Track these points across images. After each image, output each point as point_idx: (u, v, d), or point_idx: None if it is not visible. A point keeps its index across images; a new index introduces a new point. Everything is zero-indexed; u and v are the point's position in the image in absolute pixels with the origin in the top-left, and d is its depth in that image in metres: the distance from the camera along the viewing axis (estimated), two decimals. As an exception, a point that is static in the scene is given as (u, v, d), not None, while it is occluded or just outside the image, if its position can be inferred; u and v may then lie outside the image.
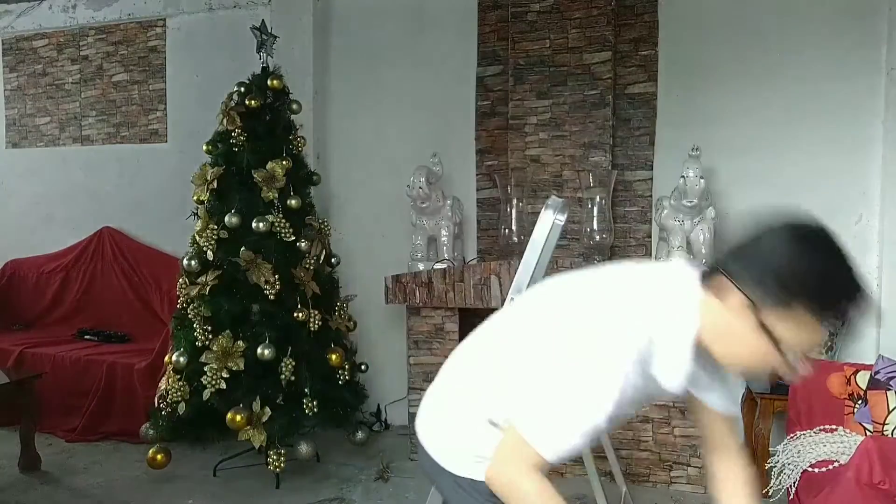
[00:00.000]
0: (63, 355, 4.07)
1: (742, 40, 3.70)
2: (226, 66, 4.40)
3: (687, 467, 3.30)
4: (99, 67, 4.99)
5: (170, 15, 4.74)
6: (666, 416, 3.31)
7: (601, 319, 1.20)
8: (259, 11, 4.25)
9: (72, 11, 4.98)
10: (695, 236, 3.38)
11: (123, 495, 3.24)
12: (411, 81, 4.20)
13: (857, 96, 3.57)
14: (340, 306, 3.48)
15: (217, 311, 3.18)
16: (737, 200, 3.73)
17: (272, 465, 3.16)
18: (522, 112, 3.78)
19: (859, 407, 2.58)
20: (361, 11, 4.30)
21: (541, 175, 3.78)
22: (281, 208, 3.30)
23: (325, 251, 3.46)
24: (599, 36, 3.65)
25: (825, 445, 2.49)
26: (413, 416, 3.72)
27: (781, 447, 2.64)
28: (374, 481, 3.44)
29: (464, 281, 3.49)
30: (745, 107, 3.71)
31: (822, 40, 3.60)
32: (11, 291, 5.03)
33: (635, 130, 3.80)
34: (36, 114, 5.23)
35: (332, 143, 4.37)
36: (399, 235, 4.13)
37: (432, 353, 3.62)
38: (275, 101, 3.43)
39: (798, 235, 1.15)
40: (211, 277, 3.19)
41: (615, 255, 3.78)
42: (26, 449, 3.58)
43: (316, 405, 3.21)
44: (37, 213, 5.23)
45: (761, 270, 1.13)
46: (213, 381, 3.06)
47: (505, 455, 1.24)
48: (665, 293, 1.21)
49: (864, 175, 3.59)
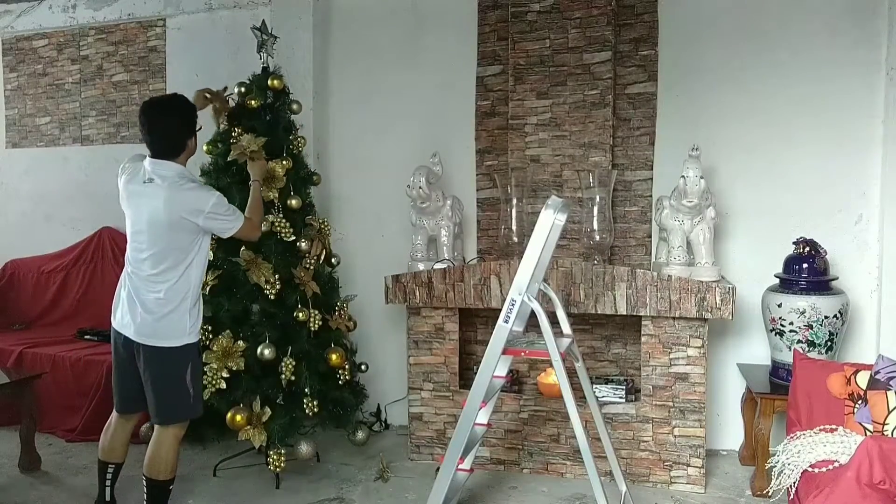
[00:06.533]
0: (63, 355, 4.06)
1: (742, 40, 3.70)
2: (226, 66, 4.40)
3: (687, 467, 3.30)
4: (99, 67, 4.99)
5: (170, 15, 4.74)
6: (666, 416, 3.31)
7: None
8: (259, 11, 4.25)
9: (72, 11, 4.98)
10: (695, 236, 3.38)
11: (123, 495, 3.23)
12: (411, 81, 4.19)
13: (857, 96, 3.57)
14: (340, 306, 3.48)
15: (217, 310, 3.19)
16: (737, 200, 3.74)
17: (272, 465, 3.17)
18: (522, 112, 3.78)
19: (859, 407, 2.58)
20: (361, 11, 4.30)
21: (541, 175, 3.78)
22: (281, 208, 3.30)
23: (325, 251, 3.46)
24: (599, 36, 3.65)
25: (825, 445, 2.49)
26: (413, 415, 3.74)
27: (781, 447, 2.64)
28: (374, 481, 3.44)
29: (464, 281, 3.49)
30: (745, 107, 3.71)
31: (822, 40, 3.60)
32: (11, 291, 5.03)
33: (635, 130, 3.80)
34: (36, 114, 5.23)
35: (332, 143, 4.37)
36: (399, 235, 4.13)
37: (432, 353, 3.62)
38: (275, 101, 3.43)
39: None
40: (211, 277, 3.19)
41: (615, 255, 3.79)
42: (26, 449, 3.58)
43: (316, 405, 3.21)
44: (37, 213, 5.23)
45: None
46: (213, 381, 3.07)
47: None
48: None
49: (864, 175, 3.59)
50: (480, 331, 3.98)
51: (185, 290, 2.69)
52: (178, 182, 2.66)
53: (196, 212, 2.64)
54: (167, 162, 2.69)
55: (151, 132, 2.71)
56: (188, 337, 2.72)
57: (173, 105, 2.78)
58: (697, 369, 3.27)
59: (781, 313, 3.30)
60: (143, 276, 2.67)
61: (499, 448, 3.55)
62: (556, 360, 2.57)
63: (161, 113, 2.73)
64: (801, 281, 3.32)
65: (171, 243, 2.65)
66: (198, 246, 2.73)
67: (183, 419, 2.77)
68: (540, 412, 3.50)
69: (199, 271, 2.77)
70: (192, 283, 2.72)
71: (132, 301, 2.68)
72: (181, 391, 2.72)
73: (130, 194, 2.73)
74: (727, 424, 3.79)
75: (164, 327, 2.66)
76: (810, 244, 3.35)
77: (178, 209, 2.63)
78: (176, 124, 2.72)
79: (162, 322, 2.66)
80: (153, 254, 2.66)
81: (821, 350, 3.27)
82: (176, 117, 2.73)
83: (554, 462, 3.48)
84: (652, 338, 3.31)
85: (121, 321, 2.72)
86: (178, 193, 2.64)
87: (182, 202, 2.64)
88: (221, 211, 2.71)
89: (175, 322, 2.68)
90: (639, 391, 3.46)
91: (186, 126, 2.75)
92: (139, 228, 2.69)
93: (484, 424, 2.90)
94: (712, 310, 3.17)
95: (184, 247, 2.68)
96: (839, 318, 3.28)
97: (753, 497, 3.22)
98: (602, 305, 3.31)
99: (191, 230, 2.67)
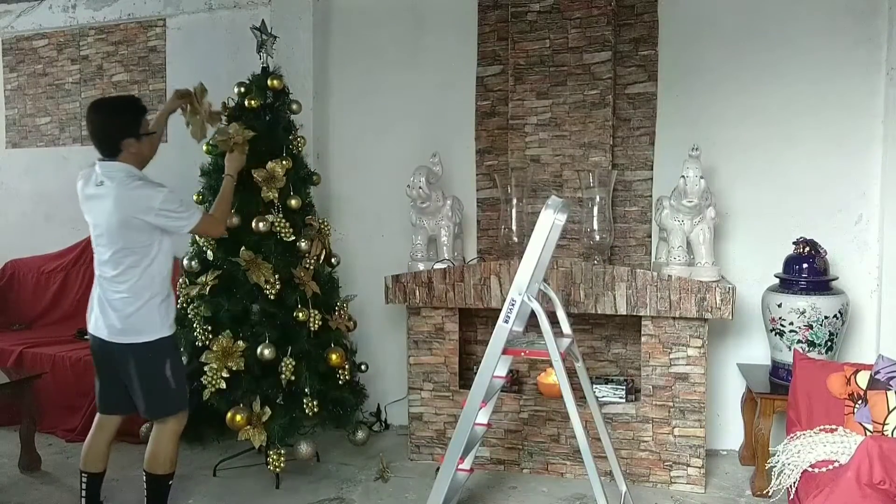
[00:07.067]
0: (63, 355, 4.06)
1: (742, 40, 3.70)
2: (226, 66, 4.40)
3: (687, 467, 3.30)
4: (99, 67, 4.99)
5: (170, 15, 4.74)
6: (666, 416, 3.31)
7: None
8: (259, 11, 4.25)
9: (72, 11, 4.98)
10: (695, 236, 3.38)
11: (124, 495, 3.24)
12: (411, 81, 4.19)
13: (857, 96, 3.57)
14: (340, 306, 3.48)
15: (217, 310, 3.19)
16: (737, 200, 3.73)
17: (272, 465, 3.17)
18: (522, 112, 3.78)
19: (859, 407, 2.58)
20: (361, 11, 4.30)
21: (541, 175, 3.78)
22: (281, 208, 3.30)
23: (325, 251, 3.46)
24: (599, 36, 3.65)
25: (825, 445, 2.49)
26: (413, 415, 3.74)
27: (781, 447, 2.64)
28: (374, 481, 3.44)
29: (464, 281, 3.49)
30: (745, 107, 3.71)
31: (822, 40, 3.60)
32: (11, 291, 5.03)
33: (635, 130, 3.80)
34: (36, 114, 5.23)
35: (332, 143, 4.37)
36: (399, 235, 4.13)
37: (432, 353, 3.62)
38: (275, 101, 3.42)
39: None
40: (211, 277, 3.19)
41: (615, 255, 3.79)
42: (26, 449, 3.59)
43: (316, 405, 3.21)
44: (37, 213, 5.23)
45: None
46: (213, 381, 3.07)
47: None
48: None
49: (864, 175, 3.59)
50: (480, 331, 3.98)
51: (149, 286, 2.65)
52: (125, 182, 2.61)
53: (146, 209, 2.59)
54: (115, 162, 2.65)
55: (90, 132, 2.71)
56: (161, 331, 2.70)
57: (108, 105, 2.76)
58: (697, 369, 3.27)
59: (781, 313, 3.30)
60: (107, 277, 2.67)
61: (499, 448, 3.55)
62: (556, 360, 2.57)
63: (95, 112, 2.70)
64: (801, 281, 3.32)
65: (128, 243, 2.62)
66: (157, 244, 2.67)
67: (172, 413, 2.77)
68: (540, 412, 3.50)
69: (163, 268, 2.71)
70: (155, 280, 2.68)
71: (102, 303, 2.69)
72: (163, 385, 2.71)
73: (86, 198, 2.70)
74: (727, 424, 3.79)
75: (133, 324, 2.65)
76: (810, 244, 3.35)
77: (128, 209, 2.59)
78: (108, 124, 2.66)
79: (131, 319, 2.64)
80: (112, 254, 2.64)
81: (821, 350, 3.27)
82: (108, 117, 2.69)
83: (554, 462, 3.48)
84: (652, 338, 3.31)
85: (95, 324, 2.73)
86: (127, 193, 2.60)
87: (131, 201, 2.59)
88: (172, 207, 2.63)
89: (144, 318, 2.65)
90: (639, 391, 3.46)
91: (120, 127, 2.65)
92: (99, 232, 2.67)
93: (484, 424, 2.90)
94: (712, 310, 3.17)
95: (142, 246, 2.63)
96: (839, 318, 3.28)
97: (753, 497, 3.22)
98: (602, 305, 3.31)
99: (144, 229, 2.62)
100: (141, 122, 2.71)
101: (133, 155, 2.68)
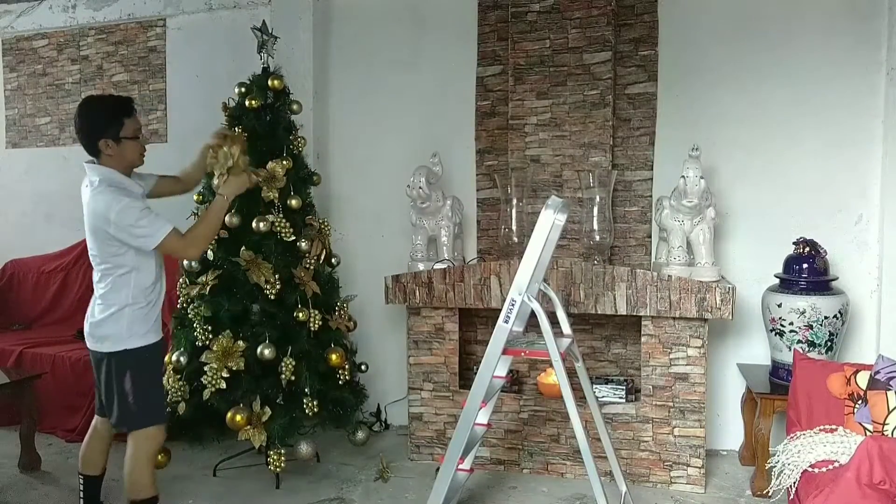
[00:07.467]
0: (63, 355, 4.06)
1: (742, 40, 3.70)
2: (226, 66, 4.40)
3: (687, 467, 3.30)
4: (99, 67, 4.99)
5: (170, 15, 4.74)
6: (666, 417, 3.31)
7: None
8: (259, 11, 4.25)
9: (72, 11, 4.98)
10: (695, 236, 3.38)
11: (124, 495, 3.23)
12: (411, 81, 4.20)
13: (857, 96, 3.57)
14: (340, 306, 3.48)
15: (217, 310, 3.19)
16: (737, 200, 3.74)
17: (272, 465, 3.17)
18: (522, 112, 3.79)
19: (859, 407, 2.58)
20: (361, 11, 4.30)
21: (541, 175, 3.78)
22: (281, 208, 3.30)
23: (326, 251, 3.46)
24: (599, 36, 3.65)
25: (825, 445, 2.49)
26: (413, 416, 3.74)
27: (781, 447, 2.64)
28: (374, 481, 3.44)
29: (464, 281, 3.49)
30: (745, 107, 3.71)
31: (823, 40, 3.60)
32: (11, 291, 5.03)
33: (635, 130, 3.80)
34: (36, 114, 5.23)
35: (332, 143, 4.37)
36: (399, 235, 4.13)
37: (432, 353, 3.62)
38: (275, 101, 3.42)
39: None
40: (211, 277, 3.19)
41: (615, 255, 3.79)
42: (26, 449, 3.59)
43: (316, 405, 3.21)
44: (37, 213, 5.23)
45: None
46: (213, 381, 3.07)
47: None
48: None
49: (864, 175, 3.59)
50: (480, 331, 3.98)
51: (120, 296, 2.57)
52: (98, 187, 2.50)
53: (104, 220, 2.46)
54: (96, 165, 2.58)
55: (75, 131, 2.66)
56: (124, 343, 2.58)
57: (87, 104, 2.66)
58: (697, 369, 3.27)
59: (781, 313, 3.30)
60: (95, 280, 2.65)
61: (499, 448, 3.55)
62: (556, 360, 2.57)
63: (77, 110, 2.62)
64: (801, 281, 3.32)
65: (101, 250, 2.55)
66: (133, 255, 2.54)
67: (135, 427, 2.64)
68: (540, 412, 3.50)
69: (143, 279, 2.60)
70: (130, 291, 2.57)
71: (90, 305, 2.69)
72: (121, 398, 2.61)
73: (82, 199, 2.63)
74: (727, 424, 3.79)
75: (99, 331, 2.61)
76: (810, 244, 3.35)
77: (92, 216, 2.51)
78: (84, 123, 2.58)
79: (98, 325, 2.61)
80: (93, 257, 2.62)
81: (821, 350, 3.27)
82: (84, 116, 2.59)
83: (554, 462, 3.49)
84: (652, 338, 3.31)
85: (85, 325, 2.73)
86: (93, 199, 2.50)
87: (94, 209, 2.50)
88: (130, 221, 2.44)
89: (109, 326, 2.58)
90: (639, 391, 3.46)
91: (95, 127, 2.55)
92: (86, 234, 2.62)
93: (484, 424, 2.90)
94: (712, 310, 3.17)
95: (112, 256, 2.54)
96: (839, 318, 3.28)
97: (753, 497, 3.22)
98: (602, 305, 3.31)
99: (111, 240, 2.50)
100: (122, 123, 2.56)
101: (111, 158, 2.56)
